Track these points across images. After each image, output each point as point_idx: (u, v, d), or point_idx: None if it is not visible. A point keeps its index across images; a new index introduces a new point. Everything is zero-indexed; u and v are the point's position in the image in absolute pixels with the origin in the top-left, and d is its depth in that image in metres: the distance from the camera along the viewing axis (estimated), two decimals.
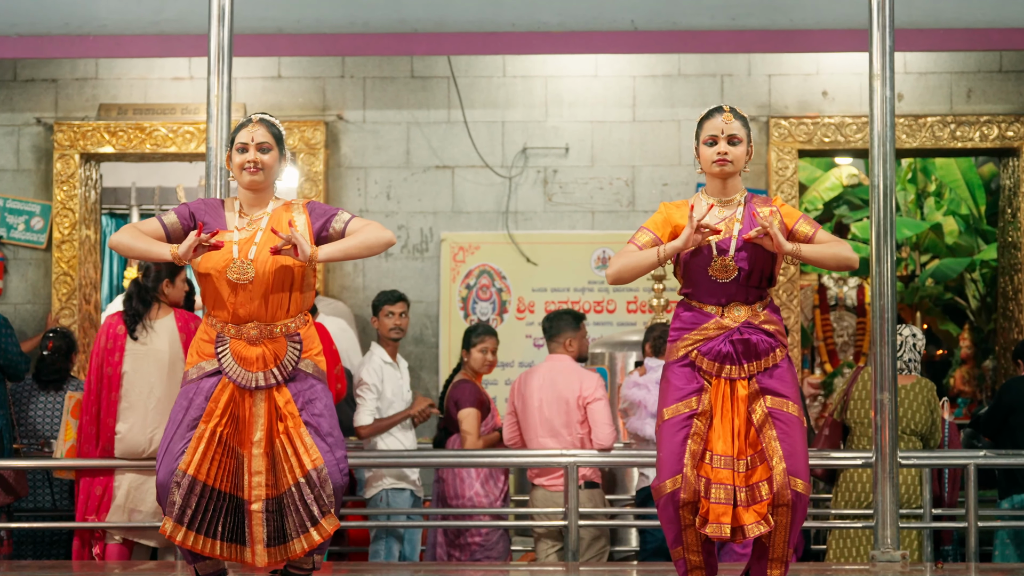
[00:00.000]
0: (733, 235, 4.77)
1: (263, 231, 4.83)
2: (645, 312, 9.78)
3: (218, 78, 6.54)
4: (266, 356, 4.78)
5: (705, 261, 4.77)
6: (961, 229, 13.62)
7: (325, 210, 4.94)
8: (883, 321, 6.39)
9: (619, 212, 10.10)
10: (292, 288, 4.82)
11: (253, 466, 4.74)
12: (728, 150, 4.82)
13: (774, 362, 4.77)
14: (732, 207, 4.85)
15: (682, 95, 10.17)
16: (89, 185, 10.33)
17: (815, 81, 10.20)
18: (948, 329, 13.57)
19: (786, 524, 4.63)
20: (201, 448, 4.70)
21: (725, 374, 4.73)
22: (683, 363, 4.78)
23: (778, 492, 4.58)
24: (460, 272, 10.13)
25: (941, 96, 10.20)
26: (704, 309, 4.80)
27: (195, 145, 10.04)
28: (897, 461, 6.35)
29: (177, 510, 4.68)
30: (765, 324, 4.78)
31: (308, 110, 10.19)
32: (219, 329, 4.83)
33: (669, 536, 4.73)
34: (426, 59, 10.13)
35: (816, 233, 4.84)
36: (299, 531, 4.73)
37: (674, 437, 4.70)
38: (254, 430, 4.76)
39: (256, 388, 4.77)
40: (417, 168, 10.20)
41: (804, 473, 4.66)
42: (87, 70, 10.26)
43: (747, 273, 4.77)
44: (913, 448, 7.37)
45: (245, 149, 4.89)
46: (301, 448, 4.74)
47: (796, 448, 4.66)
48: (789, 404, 4.71)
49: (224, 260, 4.78)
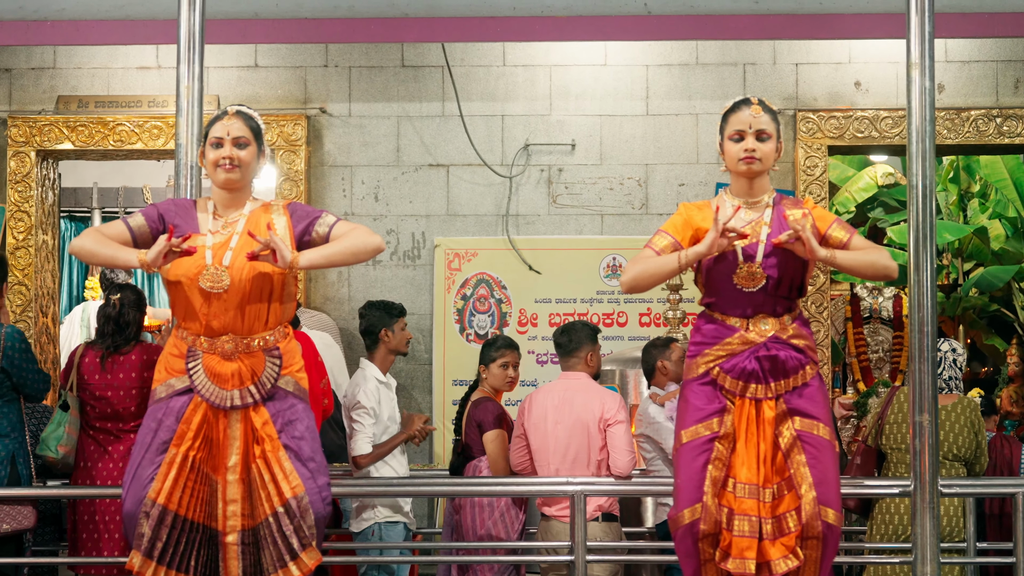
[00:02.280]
0: (761, 240, 4.76)
1: (239, 235, 4.81)
2: (660, 325, 9.78)
3: (188, 67, 6.54)
4: (242, 372, 4.76)
5: (730, 268, 4.76)
6: (1008, 234, 13.64)
7: (307, 212, 4.93)
8: (922, 335, 6.38)
9: (631, 215, 10.12)
10: (271, 298, 4.80)
11: (228, 494, 4.72)
12: (756, 147, 4.82)
13: (804, 380, 4.75)
14: (759, 209, 4.85)
15: (700, 86, 10.19)
16: (46, 185, 10.34)
17: (847, 71, 10.22)
18: (994, 344, 13.59)
19: (816, 558, 4.62)
20: (172, 475, 4.68)
21: (750, 394, 4.72)
22: (704, 381, 4.77)
23: (807, 523, 4.57)
24: (456, 281, 10.14)
25: (986, 87, 10.22)
26: (727, 321, 4.80)
27: (163, 141, 10.06)
28: (938, 490, 6.34)
29: (146, 543, 4.65)
30: (794, 339, 4.77)
31: (288, 103, 10.21)
32: (190, 343, 4.80)
33: (687, 571, 4.72)
34: (418, 46, 10.15)
35: (852, 239, 4.85)
36: (277, 566, 4.70)
37: (693, 463, 4.69)
38: (229, 454, 4.74)
39: (231, 408, 4.75)
40: (408, 167, 10.21)
41: (836, 502, 4.64)
42: (44, 59, 10.28)
43: (776, 281, 4.76)
44: (956, 475, 7.38)
45: (220, 144, 4.88)
46: (280, 474, 4.71)
47: (827, 475, 4.65)
48: (820, 427, 4.70)
49: (196, 267, 4.75)
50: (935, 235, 6.42)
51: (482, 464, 7.65)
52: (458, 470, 7.87)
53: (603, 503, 7.40)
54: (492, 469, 7.55)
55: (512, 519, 7.57)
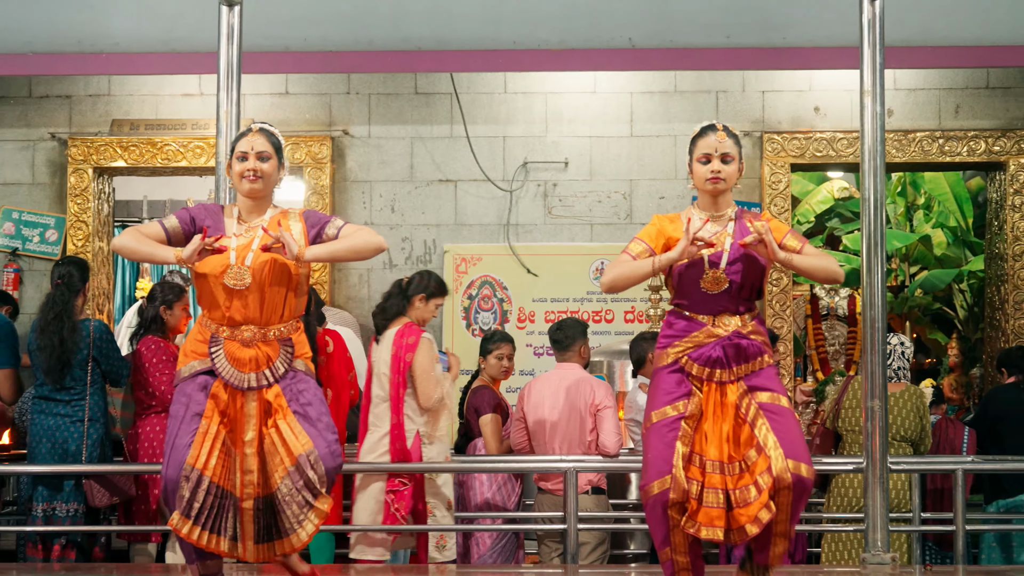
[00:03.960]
0: (725, 249, 4.77)
1: (260, 238, 4.82)
2: (642, 322, 9.78)
3: (227, 94, 6.55)
4: (259, 358, 4.75)
5: (698, 273, 4.76)
6: (949, 241, 13.64)
7: (320, 218, 4.93)
8: (873, 330, 6.39)
9: (617, 225, 10.11)
10: (287, 293, 4.80)
11: (245, 465, 4.70)
12: (721, 168, 4.84)
13: (761, 366, 4.75)
14: (724, 222, 4.85)
15: (678, 111, 10.18)
16: (102, 198, 10.34)
17: (807, 97, 10.21)
18: (936, 338, 13.58)
19: (788, 504, 4.58)
20: (207, 444, 4.66)
21: (716, 378, 4.71)
22: (672, 369, 4.76)
23: (778, 476, 4.52)
24: (463, 283, 10.13)
25: (930, 112, 10.21)
26: (696, 318, 4.80)
27: (205, 159, 10.06)
28: (887, 467, 6.35)
29: (186, 504, 4.62)
30: (752, 334, 4.78)
31: (315, 125, 10.20)
32: (213, 330, 4.81)
33: (657, 538, 4.69)
34: (429, 76, 10.15)
35: (804, 246, 4.85)
36: (296, 523, 4.68)
37: (663, 439, 4.67)
38: (246, 430, 4.73)
39: (248, 389, 4.75)
40: (420, 182, 10.21)
41: (803, 457, 4.59)
42: (100, 87, 10.28)
43: (738, 286, 4.76)
44: (903, 454, 7.38)
45: (245, 158, 4.88)
46: (290, 436, 4.69)
47: (791, 434, 4.62)
48: (780, 398, 4.69)
49: (222, 265, 4.76)
50: (885, 242, 6.42)
51: (479, 443, 7.67)
52: (462, 449, 7.89)
53: (592, 478, 7.41)
54: (486, 448, 7.59)
55: (509, 491, 7.57)
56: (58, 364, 7.12)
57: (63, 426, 7.17)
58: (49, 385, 7.20)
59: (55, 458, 7.13)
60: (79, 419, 7.16)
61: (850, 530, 7.25)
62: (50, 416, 7.20)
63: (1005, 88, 10.16)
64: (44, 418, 7.22)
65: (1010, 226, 10.09)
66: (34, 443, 7.26)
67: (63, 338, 7.10)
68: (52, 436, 7.18)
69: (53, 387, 7.18)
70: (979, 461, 7.55)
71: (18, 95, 10.27)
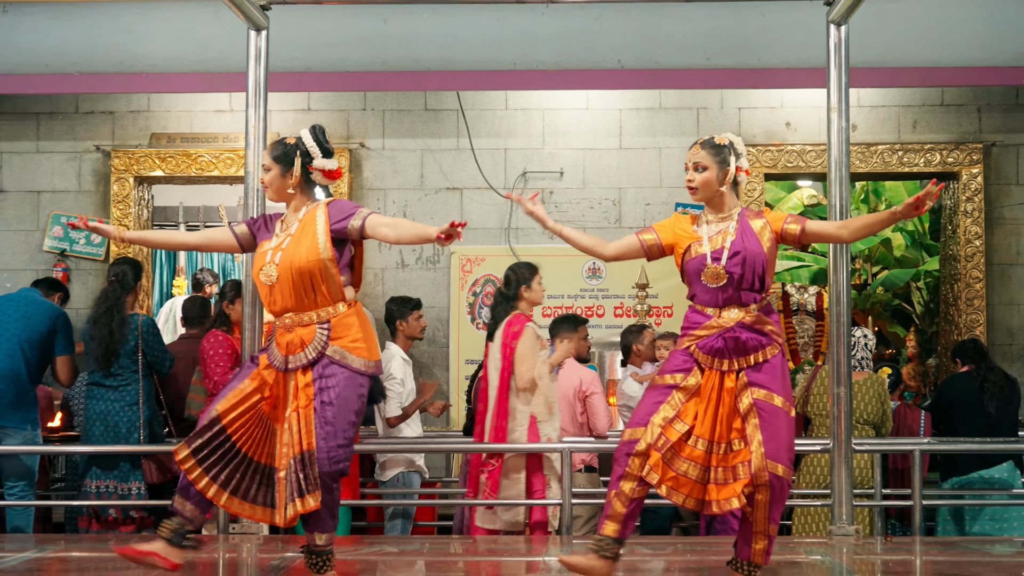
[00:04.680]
0: (725, 246, 4.77)
1: (291, 237, 4.84)
2: (631, 316, 9.78)
3: (255, 111, 6.56)
4: (294, 341, 4.75)
5: (699, 268, 4.79)
6: (908, 244, 13.65)
7: (344, 209, 4.88)
8: (839, 324, 6.40)
9: (607, 228, 10.12)
10: (314, 283, 4.79)
11: (284, 439, 4.69)
12: (694, 176, 4.88)
13: (764, 358, 4.72)
14: (727, 221, 4.87)
15: (663, 126, 10.19)
16: (142, 205, 10.35)
17: (779, 113, 10.22)
18: (896, 331, 13.60)
19: (765, 502, 4.58)
20: (238, 399, 4.67)
21: (717, 366, 4.72)
22: (684, 351, 4.80)
23: (756, 473, 4.53)
24: (467, 281, 10.14)
25: (890, 127, 10.22)
26: (704, 311, 4.81)
27: (235, 169, 10.07)
28: (852, 448, 6.36)
29: (193, 435, 4.65)
30: (757, 324, 4.74)
31: (334, 139, 10.20)
32: (273, 321, 4.89)
33: (612, 479, 4.67)
34: (437, 94, 10.16)
35: (805, 224, 4.86)
36: (288, 499, 4.67)
37: (652, 398, 4.70)
38: (287, 408, 4.73)
39: (287, 370, 4.74)
40: (430, 190, 10.22)
41: (784, 459, 4.59)
42: (140, 103, 10.29)
43: (738, 278, 4.75)
44: (866, 436, 7.39)
45: None
46: (304, 430, 4.67)
47: (777, 435, 4.60)
48: (775, 397, 4.66)
49: (260, 263, 4.83)
50: (849, 246, 6.42)
51: None
52: (469, 431, 7.89)
53: (585, 458, 7.41)
54: None
55: None
56: (106, 354, 7.17)
57: (114, 410, 7.21)
58: (99, 372, 7.23)
59: (107, 439, 7.17)
60: (128, 403, 7.19)
61: (818, 504, 7.26)
62: (102, 401, 7.25)
63: (958, 105, 10.17)
64: (96, 403, 7.27)
65: (962, 230, 10.10)
66: (88, 425, 7.31)
67: (112, 330, 7.15)
68: (104, 419, 7.22)
69: (102, 375, 7.22)
70: (935, 442, 7.56)
71: (66, 111, 10.28)
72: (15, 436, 7.13)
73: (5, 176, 10.26)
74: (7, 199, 10.25)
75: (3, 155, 10.28)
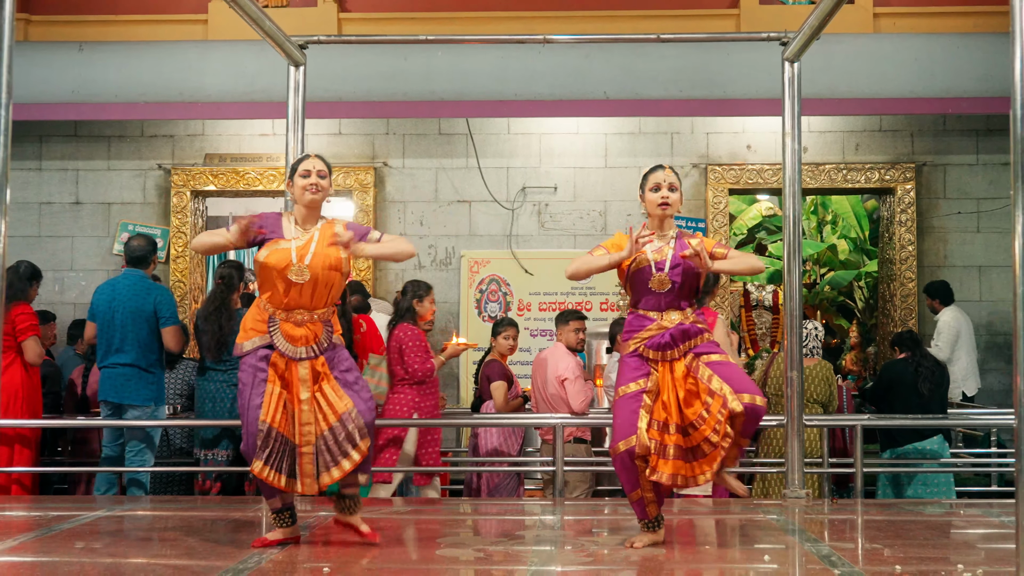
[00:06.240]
0: (667, 258, 4.75)
1: (316, 241, 4.76)
2: (614, 311, 9.77)
3: (294, 134, 6.53)
4: (308, 335, 4.69)
5: (647, 277, 4.74)
6: (850, 249, 13.63)
7: (360, 229, 4.84)
8: (792, 317, 6.37)
9: (594, 235, 10.10)
10: (332, 286, 4.75)
11: (303, 419, 4.64)
12: (668, 195, 4.82)
13: (703, 340, 4.72)
14: (667, 240, 4.83)
15: (642, 148, 10.17)
16: (197, 215, 10.33)
17: (742, 137, 10.20)
18: (841, 323, 13.57)
19: (740, 424, 4.54)
20: (272, 403, 4.61)
21: (667, 358, 4.68)
22: (633, 355, 4.73)
23: (732, 408, 4.49)
24: (475, 280, 10.12)
25: (836, 149, 10.19)
26: (648, 315, 4.76)
27: (277, 184, 10.05)
28: (803, 423, 6.33)
29: (261, 452, 4.58)
30: (695, 323, 4.75)
31: (361, 158, 10.19)
32: (271, 312, 4.73)
33: (627, 485, 4.63)
34: (450, 120, 10.14)
35: (729, 252, 4.82)
36: (331, 464, 4.61)
37: (628, 407, 4.64)
38: (302, 391, 4.67)
39: (300, 359, 4.69)
40: (443, 202, 10.19)
41: (751, 389, 4.54)
42: (196, 128, 10.27)
43: (680, 286, 4.73)
44: (815, 413, 7.36)
45: (308, 175, 4.81)
46: (334, 398, 4.62)
47: (734, 374, 4.58)
48: (719, 355, 4.66)
49: (285, 261, 4.69)
50: (801, 250, 6.39)
51: (490, 404, 7.66)
52: (476, 408, 7.88)
53: (574, 431, 7.39)
54: (495, 408, 7.57)
55: (512, 441, 7.56)
56: (217, 344, 7.13)
57: (221, 390, 7.16)
58: (210, 360, 7.21)
59: (216, 415, 7.13)
60: (233, 383, 7.13)
61: (773, 471, 7.23)
62: (212, 383, 7.21)
63: (894, 131, 10.15)
64: (207, 384, 7.24)
65: (898, 238, 10.07)
66: (199, 404, 7.28)
67: (221, 325, 7.13)
68: (213, 398, 7.19)
69: (213, 361, 7.20)
70: (875, 418, 7.53)
71: (133, 135, 10.26)
72: (136, 411, 7.06)
73: (81, 190, 10.24)
74: (83, 210, 10.23)
75: (79, 172, 10.26)
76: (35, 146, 10.24)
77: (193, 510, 5.90)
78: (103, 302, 7.17)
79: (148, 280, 7.29)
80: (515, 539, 4.97)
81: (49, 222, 10.22)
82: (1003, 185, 10.03)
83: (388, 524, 5.33)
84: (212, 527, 5.24)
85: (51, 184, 10.24)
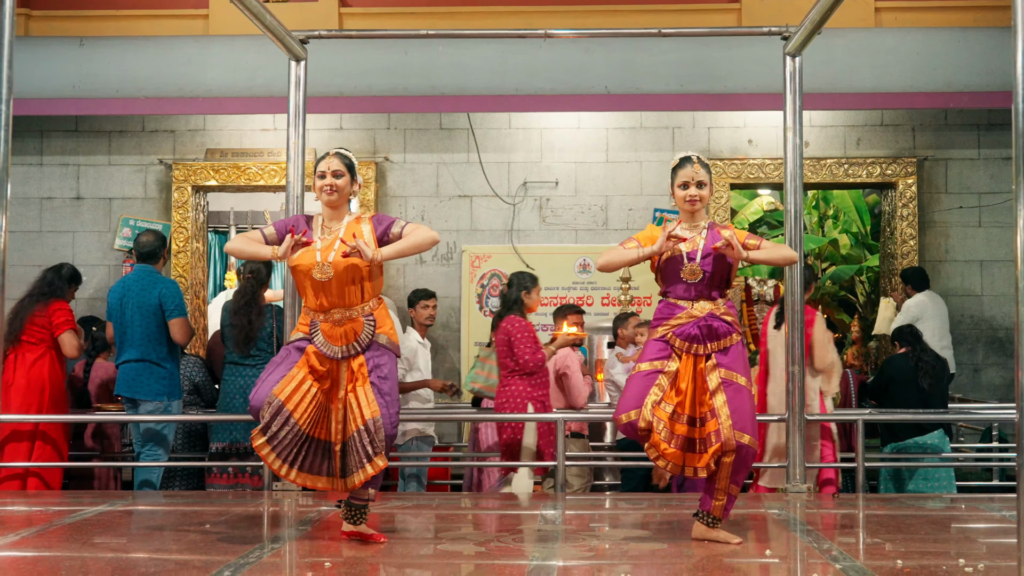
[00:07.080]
0: (699, 248, 4.75)
1: (340, 241, 4.76)
2: (615, 306, 9.77)
3: (295, 130, 6.53)
4: (347, 333, 4.67)
5: (678, 266, 4.76)
6: (852, 243, 13.62)
7: (386, 220, 4.83)
8: (794, 312, 6.37)
9: (595, 230, 10.10)
10: (362, 282, 4.72)
11: (337, 417, 4.63)
12: (697, 193, 4.81)
13: (730, 343, 4.71)
14: (699, 231, 4.84)
15: (643, 143, 10.16)
16: (198, 210, 10.33)
17: (743, 132, 10.19)
18: (842, 318, 13.57)
19: (729, 464, 4.57)
20: (293, 385, 4.57)
21: (693, 351, 4.69)
22: (660, 339, 4.76)
23: (725, 441, 4.53)
24: (476, 275, 10.12)
25: (837, 143, 10.19)
26: (679, 304, 4.77)
27: (278, 180, 10.05)
28: (804, 418, 6.33)
29: (263, 425, 4.57)
30: (724, 315, 4.74)
31: (363, 153, 10.19)
32: (312, 316, 4.74)
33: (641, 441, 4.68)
34: (451, 115, 10.13)
35: (762, 242, 4.82)
36: (357, 467, 4.62)
37: (641, 383, 4.67)
38: (340, 389, 4.67)
39: (341, 358, 4.68)
40: (444, 197, 10.19)
41: (749, 429, 4.57)
42: (197, 123, 10.27)
43: (711, 276, 4.74)
44: None
45: (324, 176, 4.81)
46: (364, 403, 4.61)
47: (742, 409, 4.59)
48: (739, 377, 4.65)
49: (310, 263, 4.70)
50: (803, 244, 6.39)
51: None
52: (477, 403, 7.88)
53: (573, 426, 7.39)
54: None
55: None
56: (245, 339, 7.17)
57: (251, 384, 7.16)
58: (238, 354, 7.21)
59: (244, 409, 7.10)
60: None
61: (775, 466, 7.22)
62: (240, 377, 7.23)
63: (895, 125, 10.14)
64: (235, 378, 7.27)
65: (899, 232, 10.07)
66: (227, 398, 7.28)
67: (251, 320, 7.17)
68: (243, 392, 7.20)
69: (240, 355, 7.20)
70: (876, 413, 7.54)
71: (134, 130, 10.26)
72: (148, 406, 7.05)
73: (82, 185, 10.24)
74: (84, 205, 10.23)
75: (80, 167, 10.26)
76: (36, 141, 10.23)
77: (196, 505, 5.91)
78: (115, 300, 7.20)
79: (156, 274, 7.27)
80: (516, 534, 4.98)
81: (50, 217, 10.22)
82: (1005, 179, 10.03)
83: (388, 519, 5.34)
84: (215, 522, 5.24)
85: (52, 179, 10.25)
